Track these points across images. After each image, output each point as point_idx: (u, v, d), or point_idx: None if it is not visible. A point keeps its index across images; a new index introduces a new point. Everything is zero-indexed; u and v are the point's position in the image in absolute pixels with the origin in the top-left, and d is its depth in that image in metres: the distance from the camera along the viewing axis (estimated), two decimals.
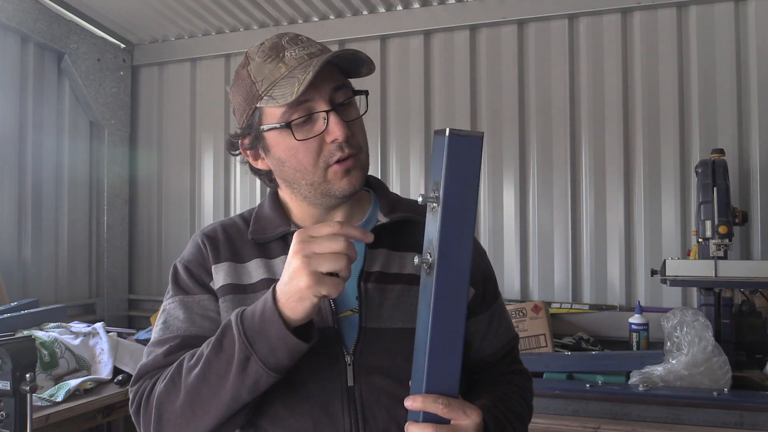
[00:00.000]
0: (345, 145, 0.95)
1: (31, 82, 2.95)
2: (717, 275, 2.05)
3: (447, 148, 0.73)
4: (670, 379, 1.91)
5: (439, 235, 0.74)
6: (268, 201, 1.09)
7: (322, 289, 0.80)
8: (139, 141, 3.53)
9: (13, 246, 2.87)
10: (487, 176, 2.92)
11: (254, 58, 0.98)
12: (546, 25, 2.84)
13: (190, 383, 0.89)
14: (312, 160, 0.96)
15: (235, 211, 2.93)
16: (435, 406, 0.81)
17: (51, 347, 2.10)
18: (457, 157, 0.73)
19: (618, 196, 2.70)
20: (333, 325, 0.97)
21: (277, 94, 0.93)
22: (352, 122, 0.98)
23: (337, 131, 0.94)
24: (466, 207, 0.75)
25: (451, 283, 0.76)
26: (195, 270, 1.04)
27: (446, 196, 0.74)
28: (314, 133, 0.95)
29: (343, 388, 0.95)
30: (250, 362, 0.85)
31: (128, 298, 3.45)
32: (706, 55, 2.60)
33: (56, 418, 1.86)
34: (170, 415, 0.90)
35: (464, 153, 0.74)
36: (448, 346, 0.78)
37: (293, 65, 0.94)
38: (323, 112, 0.94)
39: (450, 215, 0.74)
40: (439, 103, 3.01)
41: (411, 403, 0.82)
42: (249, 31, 3.27)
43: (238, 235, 1.06)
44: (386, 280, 1.00)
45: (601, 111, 2.75)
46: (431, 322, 0.76)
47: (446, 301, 0.76)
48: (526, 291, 2.85)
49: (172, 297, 1.04)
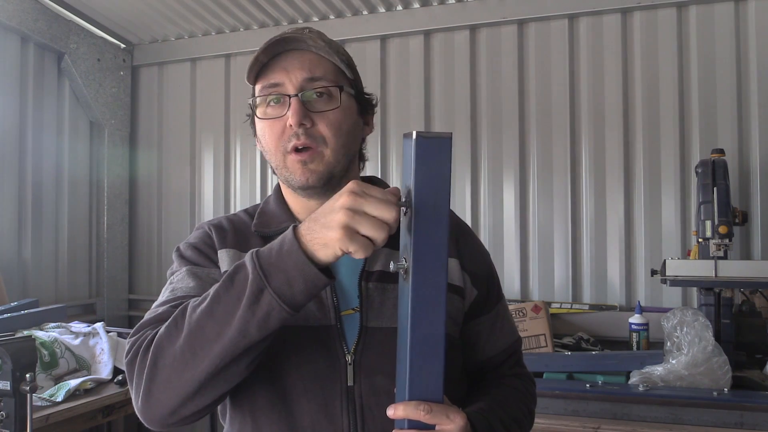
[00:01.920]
0: (301, 132, 0.97)
1: (31, 82, 2.95)
2: (717, 275, 2.05)
3: (415, 151, 0.71)
4: (670, 379, 1.91)
5: (413, 239, 0.73)
6: (273, 196, 1.10)
7: (351, 246, 0.75)
8: (139, 141, 3.53)
9: (13, 246, 2.87)
10: (487, 176, 2.92)
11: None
12: (546, 25, 2.83)
13: (194, 320, 0.82)
14: (274, 143, 1.00)
15: (235, 211, 2.94)
16: (417, 412, 0.79)
17: (51, 347, 2.10)
18: (426, 160, 0.72)
19: (618, 196, 2.70)
20: (336, 323, 0.96)
21: (249, 73, 1.01)
22: (319, 113, 0.98)
23: (291, 117, 0.97)
24: (438, 210, 0.73)
25: (428, 287, 0.74)
26: (203, 248, 1.03)
27: (418, 200, 0.72)
28: (277, 114, 0.99)
29: (342, 388, 0.95)
30: (264, 294, 0.79)
31: (128, 298, 3.45)
32: (706, 55, 2.60)
33: (56, 418, 1.86)
34: (167, 358, 0.83)
35: (433, 155, 0.72)
36: (429, 351, 0.77)
37: (266, 46, 0.99)
38: (287, 96, 0.98)
39: (422, 219, 0.72)
40: (439, 103, 3.01)
41: (393, 412, 0.81)
42: (249, 31, 3.27)
43: (244, 227, 1.07)
44: (387, 279, 1.00)
45: (601, 111, 2.75)
46: (410, 328, 0.75)
47: (424, 306, 0.75)
48: (526, 291, 2.85)
49: (178, 269, 1.01)
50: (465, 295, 1.06)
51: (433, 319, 0.76)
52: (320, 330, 0.96)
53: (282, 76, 0.99)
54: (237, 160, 3.35)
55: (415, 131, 0.72)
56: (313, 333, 0.96)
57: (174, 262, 1.05)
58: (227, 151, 3.36)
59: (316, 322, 0.96)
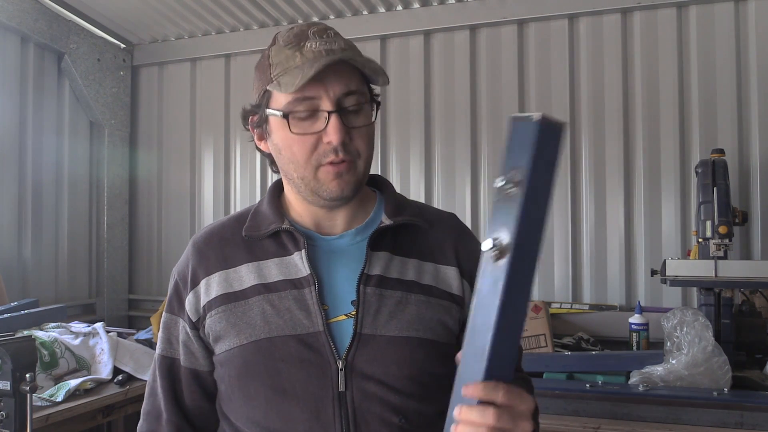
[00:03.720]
0: (340, 149, 0.94)
1: (31, 82, 2.95)
2: (717, 275, 2.05)
3: (537, 134, 0.70)
4: (670, 379, 1.91)
5: (518, 222, 0.71)
6: (268, 195, 1.09)
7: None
8: (139, 141, 3.53)
9: (13, 246, 2.87)
10: (487, 176, 2.92)
11: (278, 41, 0.98)
12: (546, 25, 2.84)
13: None
14: (305, 156, 0.95)
15: (235, 211, 2.94)
16: (495, 393, 0.76)
17: (51, 347, 2.10)
18: (545, 144, 0.71)
19: (618, 196, 2.70)
20: (323, 330, 0.96)
21: (284, 82, 0.93)
22: (356, 129, 0.96)
23: (333, 134, 0.93)
24: (546, 194, 0.73)
25: (523, 272, 0.73)
26: (181, 285, 1.06)
27: (530, 183, 0.71)
28: (313, 130, 0.94)
29: (334, 394, 0.94)
30: None
31: (128, 298, 3.45)
32: (706, 55, 2.60)
33: (56, 418, 1.86)
34: None
35: (551, 140, 0.71)
36: (512, 334, 0.76)
37: (308, 57, 0.93)
38: (325, 112, 0.94)
39: (531, 203, 0.71)
40: (439, 103, 3.01)
41: (471, 392, 0.77)
42: (249, 31, 3.27)
43: (232, 238, 1.06)
44: (386, 285, 0.99)
45: (601, 111, 2.75)
46: (500, 308, 0.73)
47: (516, 289, 0.74)
48: None
49: (165, 309, 1.10)
50: (464, 304, 1.04)
51: (522, 303, 0.76)
52: (308, 337, 0.95)
53: (318, 89, 0.93)
54: (237, 160, 3.35)
55: (536, 114, 0.71)
56: (301, 341, 0.95)
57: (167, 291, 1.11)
58: (227, 151, 3.36)
59: (304, 329, 0.96)
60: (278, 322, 0.96)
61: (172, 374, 1.07)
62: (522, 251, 0.72)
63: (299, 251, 1.00)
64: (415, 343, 0.97)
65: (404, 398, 0.95)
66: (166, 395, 1.06)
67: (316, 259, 1.01)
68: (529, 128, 0.72)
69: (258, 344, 0.96)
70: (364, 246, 1.01)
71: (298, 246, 1.00)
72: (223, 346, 1.00)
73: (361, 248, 1.01)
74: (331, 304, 0.98)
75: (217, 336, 1.01)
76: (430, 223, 1.07)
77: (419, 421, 0.97)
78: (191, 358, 1.06)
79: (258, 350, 0.96)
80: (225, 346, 1.00)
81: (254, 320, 0.98)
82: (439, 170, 3.00)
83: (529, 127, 0.72)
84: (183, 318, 1.05)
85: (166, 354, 1.07)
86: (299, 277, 0.98)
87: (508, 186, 0.72)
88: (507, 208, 0.73)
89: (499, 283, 0.73)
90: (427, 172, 3.02)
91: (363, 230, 1.04)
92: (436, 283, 1.03)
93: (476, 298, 0.77)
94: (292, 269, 1.00)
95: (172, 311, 1.08)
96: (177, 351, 1.06)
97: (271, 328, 0.96)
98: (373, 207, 1.08)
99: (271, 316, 0.97)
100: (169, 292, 1.09)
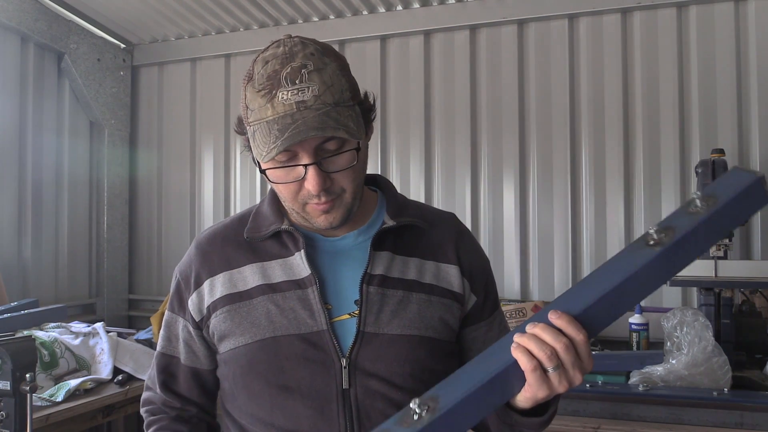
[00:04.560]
0: (322, 194, 0.93)
1: (31, 82, 2.95)
2: (717, 275, 2.05)
3: (751, 184, 0.78)
4: (670, 379, 1.91)
5: (691, 230, 0.77)
6: (269, 196, 1.09)
7: None
8: (139, 141, 3.53)
9: (13, 246, 2.87)
10: (487, 176, 2.92)
11: (254, 80, 0.93)
12: (546, 25, 2.84)
13: None
14: (290, 196, 0.96)
15: (235, 211, 2.93)
16: (577, 333, 0.77)
17: (51, 347, 2.10)
18: (750, 196, 0.79)
19: (618, 196, 2.70)
20: (327, 329, 0.97)
21: (257, 140, 0.91)
22: (338, 172, 0.94)
23: (312, 186, 0.92)
24: (719, 232, 0.80)
25: (660, 269, 0.79)
26: (183, 286, 1.08)
27: (717, 211, 0.78)
28: (293, 177, 0.93)
29: (338, 391, 0.95)
30: None
31: (128, 298, 3.45)
32: (706, 55, 2.60)
33: (56, 418, 1.87)
34: None
35: (756, 196, 0.79)
36: (617, 304, 0.79)
37: (279, 112, 0.89)
38: (302, 165, 0.91)
39: (705, 227, 0.78)
40: (439, 103, 3.01)
41: (558, 317, 0.78)
42: (249, 31, 3.27)
43: (234, 238, 1.06)
44: (388, 284, 1.00)
45: (601, 111, 2.75)
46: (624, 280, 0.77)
47: (647, 279, 0.78)
48: (526, 291, 2.85)
49: (167, 315, 1.12)
50: (464, 301, 1.06)
51: (641, 290, 0.80)
52: (312, 336, 0.97)
53: (293, 144, 0.89)
54: (237, 160, 3.35)
55: (762, 173, 0.78)
56: (305, 340, 0.97)
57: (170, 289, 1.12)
58: (227, 151, 3.36)
59: (308, 328, 0.97)
60: (282, 322, 0.98)
61: (168, 371, 1.10)
62: (672, 254, 0.78)
63: (299, 251, 1.01)
64: (416, 341, 0.99)
65: (407, 395, 0.96)
66: (162, 389, 1.10)
67: (319, 260, 1.02)
68: (747, 177, 0.79)
69: (263, 343, 0.98)
70: (366, 246, 1.02)
71: (297, 246, 1.02)
72: (228, 344, 1.01)
73: (363, 248, 1.02)
74: (334, 303, 0.99)
75: (222, 335, 1.02)
76: (431, 223, 1.08)
77: None
78: (192, 357, 1.08)
79: (263, 349, 0.97)
80: (230, 345, 1.01)
81: (259, 320, 0.99)
82: (439, 170, 3.00)
83: (747, 177, 0.79)
84: (185, 317, 1.07)
85: (165, 351, 1.10)
86: (302, 278, 1.00)
87: (698, 204, 0.78)
88: (685, 217, 0.79)
89: (638, 262, 0.77)
90: (427, 172, 3.02)
91: (366, 231, 1.05)
92: (437, 282, 1.04)
93: (615, 259, 0.80)
94: (294, 270, 1.01)
95: (173, 310, 1.10)
96: (176, 349, 1.09)
97: (276, 327, 0.98)
98: (375, 207, 1.09)
99: (276, 316, 0.98)
100: (171, 292, 1.11)
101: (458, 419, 0.76)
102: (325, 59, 0.93)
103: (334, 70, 0.93)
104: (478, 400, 0.77)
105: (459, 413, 0.76)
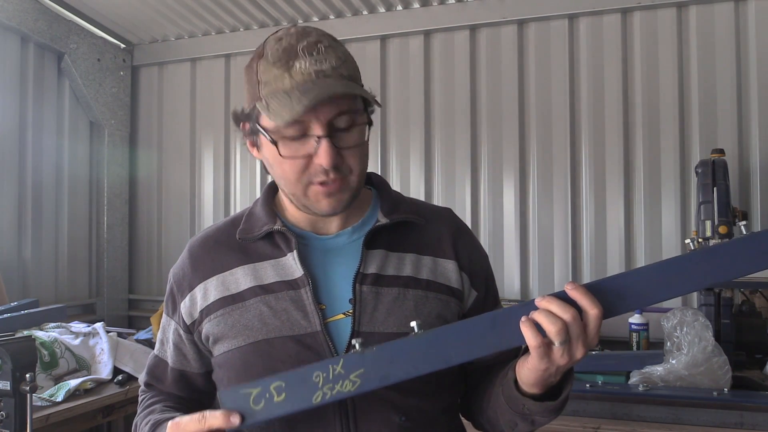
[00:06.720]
0: (331, 170, 0.92)
1: (31, 82, 2.95)
2: None
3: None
4: (670, 379, 1.91)
5: (726, 248, 0.82)
6: (262, 197, 1.09)
7: None
8: (139, 141, 3.53)
9: (13, 246, 2.87)
10: (487, 176, 2.92)
11: (267, 54, 0.93)
12: (546, 25, 2.84)
13: None
14: (295, 175, 0.94)
15: (235, 211, 2.95)
16: (591, 306, 0.80)
17: (51, 347, 2.10)
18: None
19: (618, 196, 2.70)
20: (321, 330, 0.95)
21: (273, 107, 0.90)
22: (348, 149, 0.93)
23: (324, 158, 0.90)
24: (742, 268, 0.83)
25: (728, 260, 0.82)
26: (176, 289, 1.08)
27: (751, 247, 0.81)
28: (303, 152, 0.92)
29: None
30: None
31: (128, 298, 3.45)
32: (706, 55, 2.60)
33: (56, 418, 1.86)
34: None
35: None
36: (642, 293, 0.82)
37: (297, 80, 0.89)
38: (315, 136, 0.91)
39: (736, 251, 0.82)
40: (439, 103, 3.01)
41: (574, 288, 0.82)
42: (249, 31, 3.28)
43: (226, 241, 1.06)
44: (382, 282, 0.99)
45: (601, 111, 2.75)
46: (656, 267, 0.81)
47: (676, 284, 0.82)
48: (526, 291, 2.85)
49: (164, 319, 1.13)
50: (463, 297, 1.05)
51: (669, 291, 0.82)
52: (306, 337, 0.95)
53: (308, 113, 0.88)
54: (237, 160, 3.35)
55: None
56: (299, 341, 0.95)
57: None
58: (227, 151, 3.36)
59: (302, 330, 0.96)
60: (276, 324, 0.96)
61: (155, 374, 1.12)
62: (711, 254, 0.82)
63: (291, 252, 1.00)
64: None
65: (405, 396, 0.95)
66: (146, 387, 1.14)
67: (312, 259, 1.01)
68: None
69: (256, 346, 0.97)
70: (359, 245, 1.01)
71: (290, 246, 1.00)
72: (222, 348, 1.00)
73: (356, 247, 1.01)
74: (328, 303, 0.98)
75: (216, 338, 1.01)
76: (427, 219, 1.07)
77: (420, 419, 0.97)
78: (182, 360, 1.08)
79: (256, 352, 0.96)
80: (223, 348, 1.00)
81: (252, 322, 0.98)
82: (439, 170, 3.01)
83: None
84: (176, 320, 1.07)
85: (158, 354, 1.13)
86: (294, 278, 0.98)
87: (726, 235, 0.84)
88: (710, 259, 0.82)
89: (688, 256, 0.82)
90: (427, 172, 3.02)
91: (359, 229, 1.04)
92: (434, 277, 1.03)
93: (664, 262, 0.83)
94: (287, 270, 0.99)
95: (167, 313, 1.11)
96: (166, 352, 1.11)
97: (269, 329, 0.96)
98: (369, 205, 1.08)
99: (269, 318, 0.97)
100: (165, 294, 1.11)
101: (451, 343, 0.84)
102: (336, 41, 0.96)
103: (345, 50, 0.96)
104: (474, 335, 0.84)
105: (453, 337, 0.84)
